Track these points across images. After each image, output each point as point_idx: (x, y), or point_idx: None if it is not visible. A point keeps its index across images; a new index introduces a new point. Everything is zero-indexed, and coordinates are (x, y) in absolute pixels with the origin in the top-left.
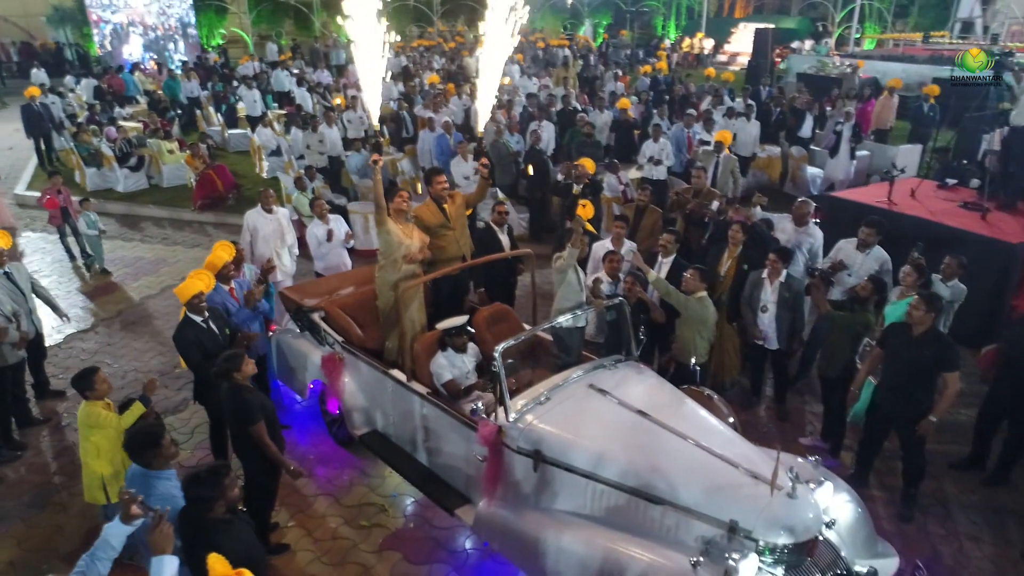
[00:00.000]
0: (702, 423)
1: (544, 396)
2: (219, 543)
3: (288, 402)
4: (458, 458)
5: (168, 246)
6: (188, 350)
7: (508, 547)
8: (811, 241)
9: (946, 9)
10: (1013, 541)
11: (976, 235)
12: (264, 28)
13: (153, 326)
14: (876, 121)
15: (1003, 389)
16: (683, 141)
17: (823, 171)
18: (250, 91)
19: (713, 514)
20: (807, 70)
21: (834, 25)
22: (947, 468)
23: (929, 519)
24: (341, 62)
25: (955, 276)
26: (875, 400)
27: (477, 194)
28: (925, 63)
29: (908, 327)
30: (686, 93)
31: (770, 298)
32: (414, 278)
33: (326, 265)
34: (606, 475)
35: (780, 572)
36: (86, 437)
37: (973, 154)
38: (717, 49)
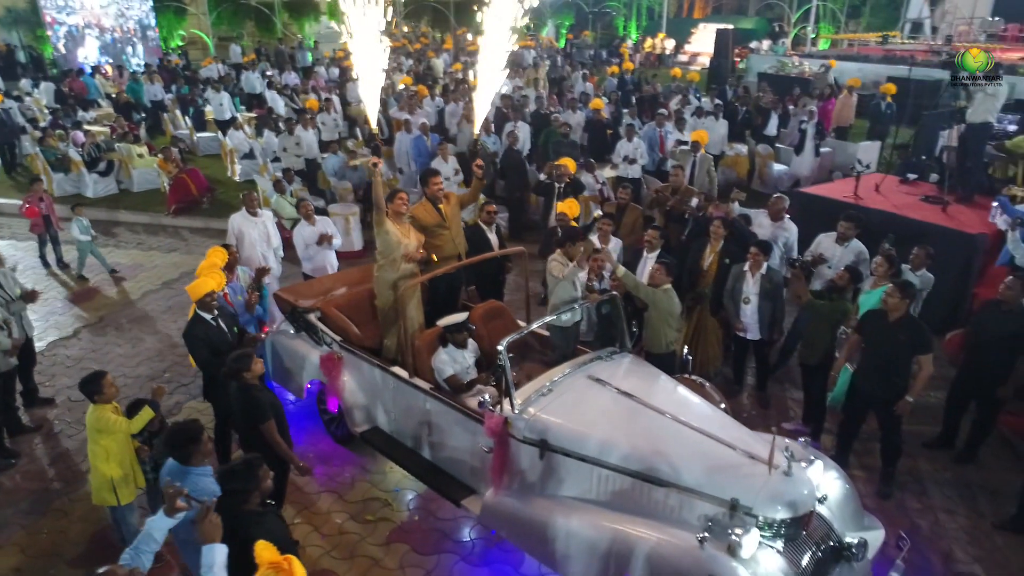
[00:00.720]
0: (697, 409)
1: (547, 388)
2: (255, 535)
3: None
4: (463, 450)
5: (144, 251)
6: (197, 347)
7: (516, 534)
8: (786, 235)
9: (896, 10)
10: (984, 513)
11: (939, 227)
12: (224, 29)
13: (137, 331)
14: (837, 119)
15: (970, 372)
16: (655, 140)
17: (789, 168)
18: (217, 94)
19: (715, 493)
20: (767, 70)
21: (790, 25)
22: (920, 447)
23: (907, 495)
24: (307, 63)
25: (923, 266)
26: (854, 383)
27: (471, 194)
28: (880, 62)
29: (884, 314)
30: (654, 93)
31: (752, 290)
32: (412, 277)
33: (313, 266)
34: (611, 460)
35: (779, 545)
36: (95, 440)
37: (931, 150)
38: (678, 49)
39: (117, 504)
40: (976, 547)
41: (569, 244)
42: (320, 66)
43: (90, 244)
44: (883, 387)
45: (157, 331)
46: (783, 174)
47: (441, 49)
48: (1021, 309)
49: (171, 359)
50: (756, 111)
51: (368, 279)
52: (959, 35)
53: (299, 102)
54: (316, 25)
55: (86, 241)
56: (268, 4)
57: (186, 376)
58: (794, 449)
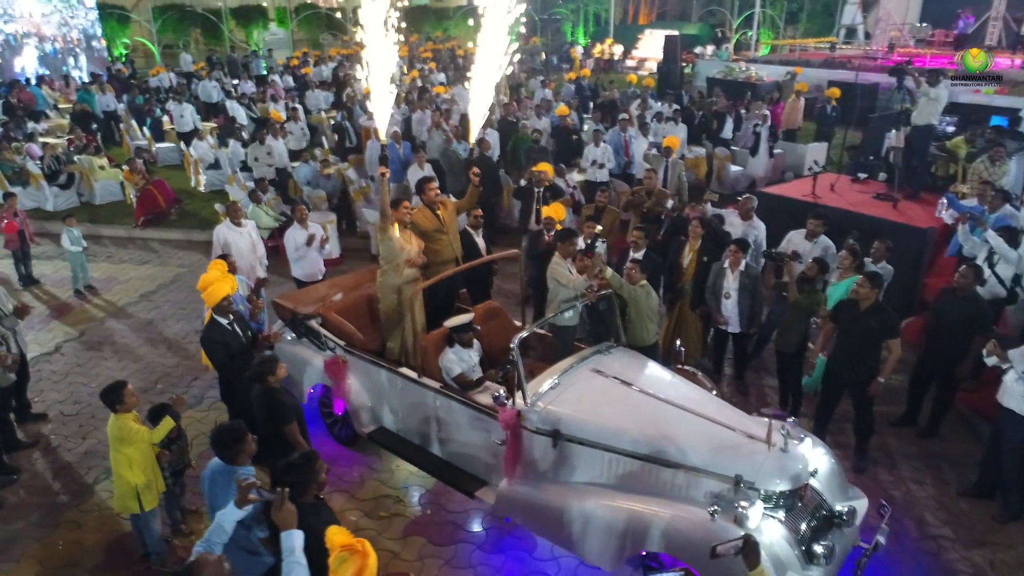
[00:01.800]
0: (694, 395)
1: (554, 382)
2: (312, 526)
3: None
4: (474, 445)
5: (115, 264)
6: (214, 350)
7: (532, 520)
8: (756, 233)
9: (831, 16)
10: (949, 481)
11: (891, 222)
12: (170, 37)
13: (121, 344)
14: (786, 122)
15: (931, 354)
16: (620, 145)
17: (745, 169)
18: (179, 105)
19: (719, 471)
20: (716, 75)
21: (731, 31)
22: (888, 426)
23: (879, 469)
24: (261, 72)
25: (883, 258)
26: (829, 367)
27: (467, 200)
28: (820, 67)
29: (856, 303)
30: (613, 99)
31: (732, 285)
32: (415, 282)
33: (304, 269)
34: (621, 446)
35: (781, 515)
36: (118, 449)
37: (879, 151)
38: (626, 54)
39: (140, 511)
40: (944, 512)
41: (566, 243)
42: (274, 74)
43: (82, 256)
44: (856, 370)
45: (143, 343)
46: (740, 175)
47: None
48: (975, 295)
49: (161, 370)
50: (712, 116)
51: (362, 284)
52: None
53: (256, 111)
54: (265, 32)
55: (78, 252)
56: (215, 11)
57: (180, 386)
58: (787, 428)
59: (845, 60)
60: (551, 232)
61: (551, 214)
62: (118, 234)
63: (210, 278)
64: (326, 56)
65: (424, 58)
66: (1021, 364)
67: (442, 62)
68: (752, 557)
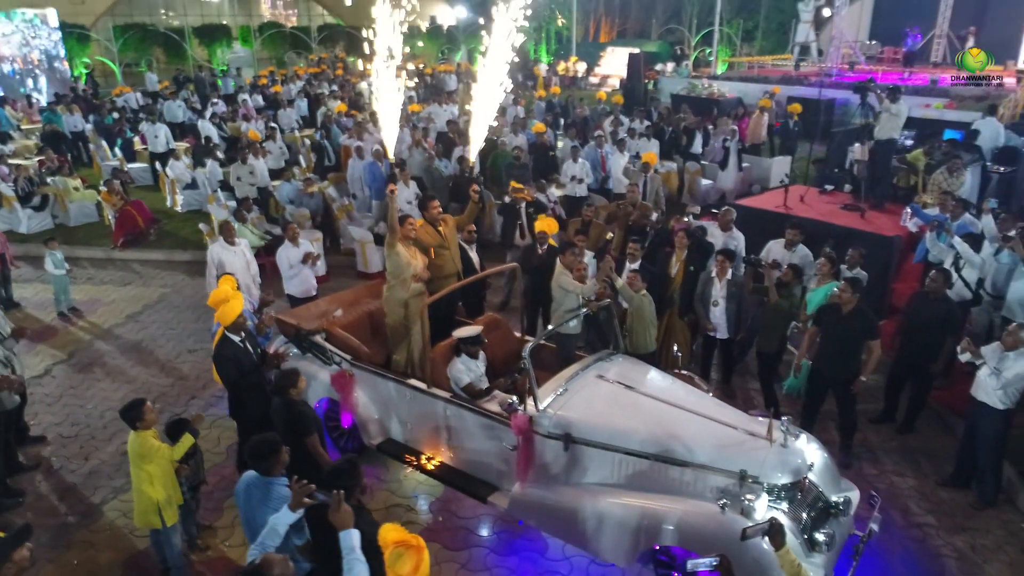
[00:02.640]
0: (695, 397)
1: (562, 388)
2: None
3: None
4: (485, 451)
5: (96, 285)
6: (226, 367)
7: (547, 521)
8: (736, 243)
9: (785, 34)
10: (927, 473)
11: (861, 231)
12: (131, 56)
13: (112, 365)
14: (750, 136)
15: (906, 354)
16: (597, 160)
17: (715, 182)
18: (153, 126)
19: (725, 467)
20: (680, 91)
21: (690, 49)
22: (868, 423)
23: (863, 463)
24: (229, 91)
25: (857, 264)
26: (815, 369)
27: (467, 216)
28: (778, 83)
29: (838, 307)
30: (584, 116)
31: (720, 293)
32: (421, 296)
33: (297, 286)
34: (631, 446)
35: (784, 507)
36: (139, 466)
37: (843, 164)
38: (589, 72)
39: (162, 526)
40: (926, 502)
41: (567, 254)
42: (243, 93)
43: (66, 279)
44: (840, 370)
45: (134, 364)
46: (710, 188)
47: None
48: (945, 298)
49: (157, 390)
50: (682, 131)
51: (361, 300)
52: (843, 57)
53: (227, 130)
54: (228, 51)
55: (61, 275)
56: (178, 30)
57: (177, 405)
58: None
59: (803, 76)
60: (544, 246)
61: (544, 228)
62: (96, 255)
63: (221, 295)
64: (292, 74)
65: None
66: (993, 360)
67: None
68: (778, 538)
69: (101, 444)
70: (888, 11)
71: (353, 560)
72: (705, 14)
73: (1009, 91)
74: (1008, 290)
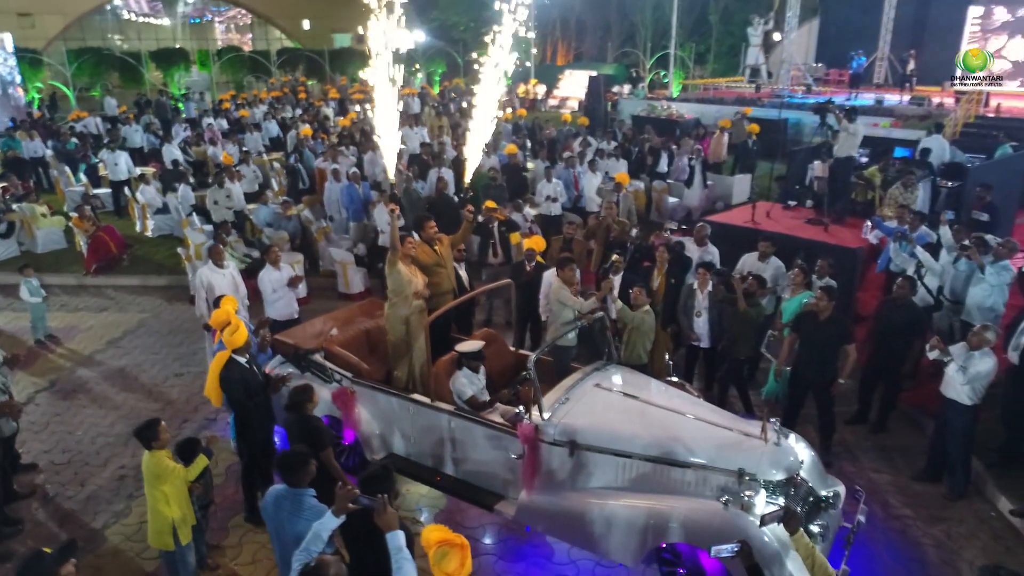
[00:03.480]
0: (690, 402)
1: (564, 398)
2: None
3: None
4: (490, 461)
5: (71, 312)
6: (234, 388)
7: (554, 526)
8: (710, 257)
9: (736, 57)
10: (902, 469)
11: (826, 244)
12: (85, 80)
13: (98, 391)
14: (712, 155)
15: (877, 358)
16: (570, 180)
17: (681, 200)
18: (113, 153)
19: (724, 466)
20: (640, 113)
21: (645, 71)
22: (844, 424)
23: (842, 462)
24: (192, 115)
25: (827, 274)
26: (795, 373)
27: (461, 235)
28: (732, 104)
29: (815, 314)
30: (552, 137)
31: (703, 304)
32: (422, 312)
33: (279, 310)
34: (634, 450)
35: (781, 501)
36: (155, 486)
37: (803, 180)
38: (548, 94)
39: (176, 546)
40: (903, 496)
41: (565, 270)
42: (208, 117)
43: (43, 306)
44: (819, 373)
45: (119, 390)
46: (677, 205)
47: (328, 98)
48: (911, 304)
49: (146, 415)
50: (648, 151)
51: (354, 319)
52: (793, 79)
53: (192, 154)
54: (186, 75)
55: (38, 303)
56: (134, 54)
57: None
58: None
59: (757, 97)
60: (532, 263)
61: (532, 246)
62: (68, 282)
63: (224, 317)
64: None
65: (355, 100)
66: (960, 358)
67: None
68: (793, 523)
69: (96, 470)
70: (833, 36)
71: (402, 559)
72: (659, 38)
73: (949, 110)
74: (966, 295)
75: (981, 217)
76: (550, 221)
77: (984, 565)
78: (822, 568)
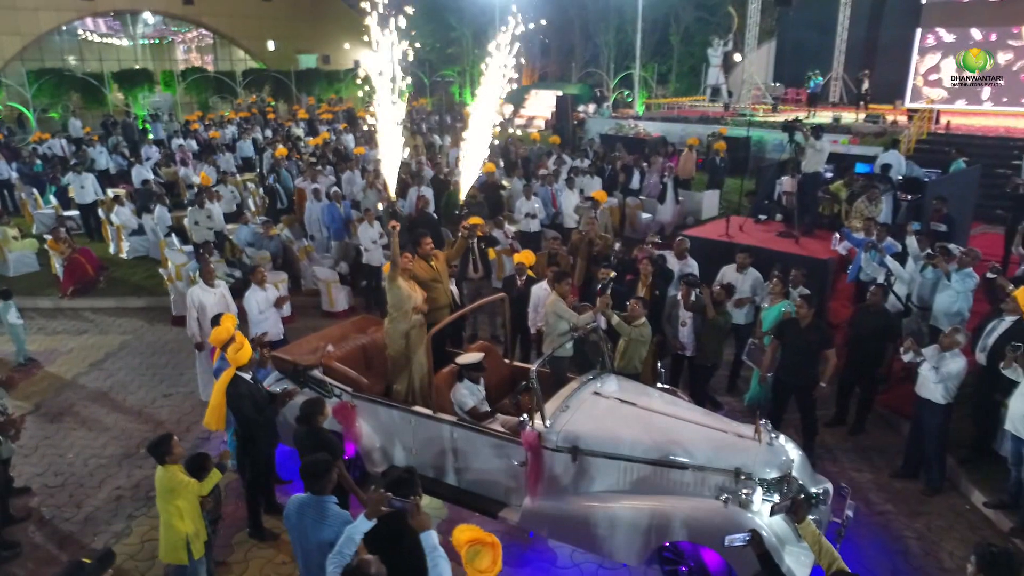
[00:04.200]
0: (684, 407)
1: (564, 406)
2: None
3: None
4: (492, 470)
5: (50, 335)
6: (243, 404)
7: (559, 530)
8: (690, 269)
9: (696, 77)
10: (880, 467)
11: (797, 255)
12: (45, 102)
13: (85, 414)
14: (681, 172)
15: (853, 362)
16: (548, 198)
17: (654, 215)
18: (79, 176)
19: (721, 466)
20: (608, 131)
21: (609, 91)
22: (823, 427)
23: (824, 462)
24: (160, 136)
25: (801, 283)
26: (778, 378)
27: (455, 252)
28: (697, 123)
29: (796, 321)
30: (525, 156)
31: (686, 314)
32: (421, 326)
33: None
34: (635, 454)
35: (776, 498)
36: (168, 500)
37: (771, 195)
38: (515, 113)
39: (189, 561)
40: (884, 492)
41: (561, 283)
42: (177, 138)
43: (24, 328)
44: (801, 377)
45: (107, 412)
46: (650, 221)
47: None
48: (884, 310)
49: (138, 436)
50: (621, 169)
51: (349, 335)
52: (753, 98)
53: (162, 175)
54: (151, 96)
55: (19, 324)
56: (96, 75)
57: None
58: (769, 426)
59: (719, 116)
60: (523, 277)
61: (522, 260)
62: (43, 305)
63: (225, 334)
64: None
65: (324, 120)
66: (932, 359)
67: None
68: (801, 512)
69: (91, 491)
70: (790, 56)
71: (437, 557)
72: (621, 58)
73: (903, 128)
74: (933, 301)
75: (939, 228)
76: (530, 237)
77: (978, 543)
78: (828, 553)
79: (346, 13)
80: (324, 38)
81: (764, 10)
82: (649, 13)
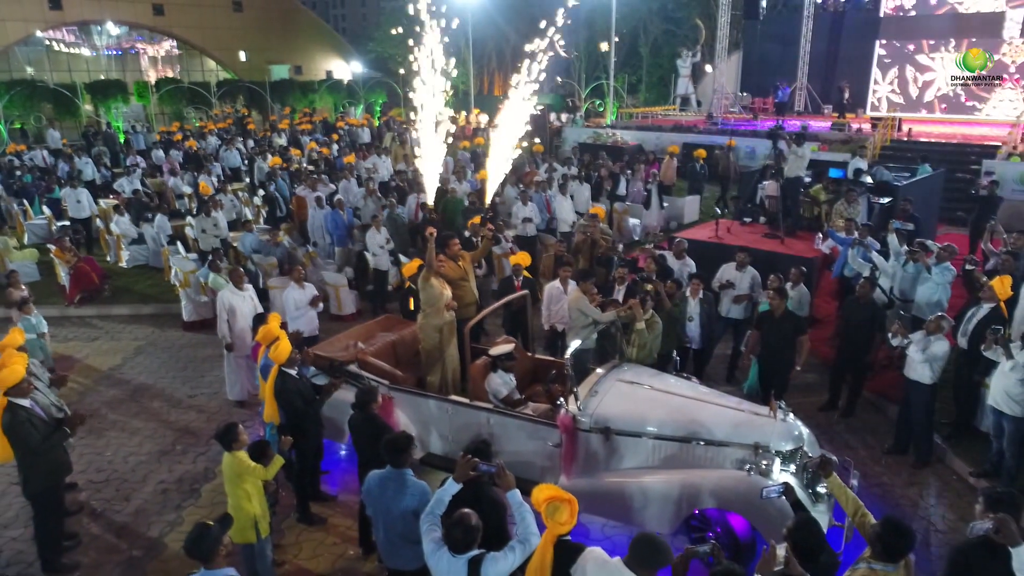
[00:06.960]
0: (701, 390)
1: (594, 391)
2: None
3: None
4: (529, 452)
5: (61, 343)
6: (292, 399)
7: (594, 504)
8: (688, 269)
9: (666, 87)
10: (872, 445)
11: (785, 255)
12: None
13: (118, 416)
14: (664, 178)
15: (844, 350)
16: (543, 204)
17: (640, 220)
18: (74, 191)
19: (741, 441)
20: (586, 140)
21: (581, 101)
22: (817, 411)
23: (821, 442)
24: (142, 147)
25: (799, 281)
26: (761, 365)
27: (480, 252)
28: (671, 131)
29: (771, 313)
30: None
31: (695, 310)
32: (452, 322)
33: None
34: (663, 432)
35: (792, 468)
36: (237, 484)
37: (754, 199)
38: (490, 123)
39: (257, 540)
40: (879, 466)
41: (586, 282)
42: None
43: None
44: (779, 362)
45: (137, 412)
46: (636, 226)
47: (278, 129)
48: (872, 302)
49: (172, 435)
50: (607, 176)
51: (375, 334)
52: (723, 107)
53: (149, 186)
54: (125, 107)
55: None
56: (69, 86)
57: (199, 445)
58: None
59: (692, 125)
60: (519, 278)
61: (519, 261)
62: (49, 314)
63: (271, 333)
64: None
65: (304, 130)
66: (919, 343)
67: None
68: (828, 468)
69: (137, 485)
70: (756, 68)
71: (523, 511)
72: (592, 68)
73: (867, 135)
74: (915, 294)
75: (906, 227)
76: (526, 241)
77: (984, 488)
78: (853, 501)
79: (316, 24)
80: (295, 49)
81: (731, 23)
82: (619, 26)
